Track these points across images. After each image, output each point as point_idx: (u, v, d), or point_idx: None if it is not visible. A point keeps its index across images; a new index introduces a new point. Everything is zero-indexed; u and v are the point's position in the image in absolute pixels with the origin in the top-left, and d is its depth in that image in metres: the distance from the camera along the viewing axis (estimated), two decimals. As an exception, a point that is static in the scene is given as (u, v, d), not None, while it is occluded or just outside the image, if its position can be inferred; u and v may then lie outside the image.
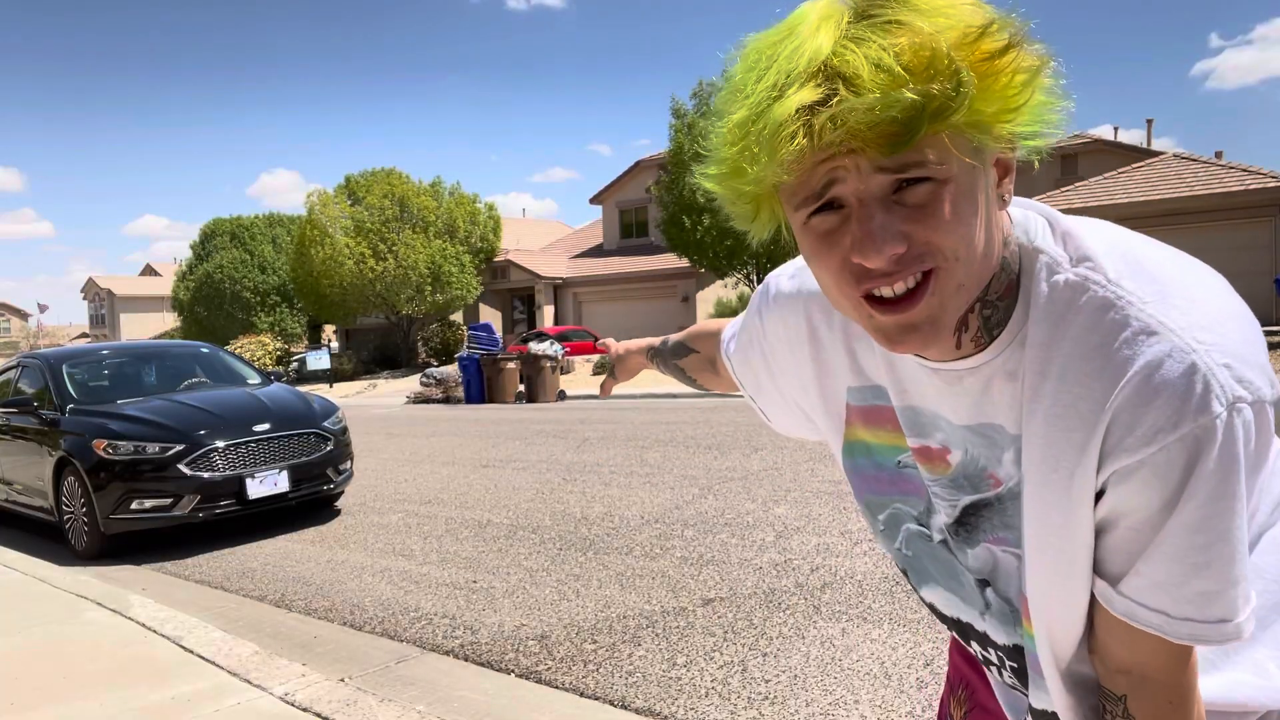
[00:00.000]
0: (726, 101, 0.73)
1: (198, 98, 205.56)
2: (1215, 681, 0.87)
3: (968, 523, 0.90)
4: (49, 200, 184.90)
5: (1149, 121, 31.62)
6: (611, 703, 3.21)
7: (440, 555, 5.55)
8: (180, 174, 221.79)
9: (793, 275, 1.03)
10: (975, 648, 1.00)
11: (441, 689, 3.43)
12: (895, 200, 0.70)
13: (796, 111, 0.66)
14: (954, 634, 1.04)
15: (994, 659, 0.99)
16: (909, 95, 0.64)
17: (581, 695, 3.30)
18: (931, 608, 1.03)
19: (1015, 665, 0.95)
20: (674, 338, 1.47)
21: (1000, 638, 0.95)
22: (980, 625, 0.97)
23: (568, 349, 21.95)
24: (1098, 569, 0.79)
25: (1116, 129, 31.25)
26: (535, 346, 17.60)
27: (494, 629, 4.09)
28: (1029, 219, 0.82)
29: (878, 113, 0.64)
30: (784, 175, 0.70)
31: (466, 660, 3.76)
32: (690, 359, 1.40)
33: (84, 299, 69.85)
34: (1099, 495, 0.76)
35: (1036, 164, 0.76)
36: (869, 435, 0.98)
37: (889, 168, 0.68)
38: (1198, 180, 20.65)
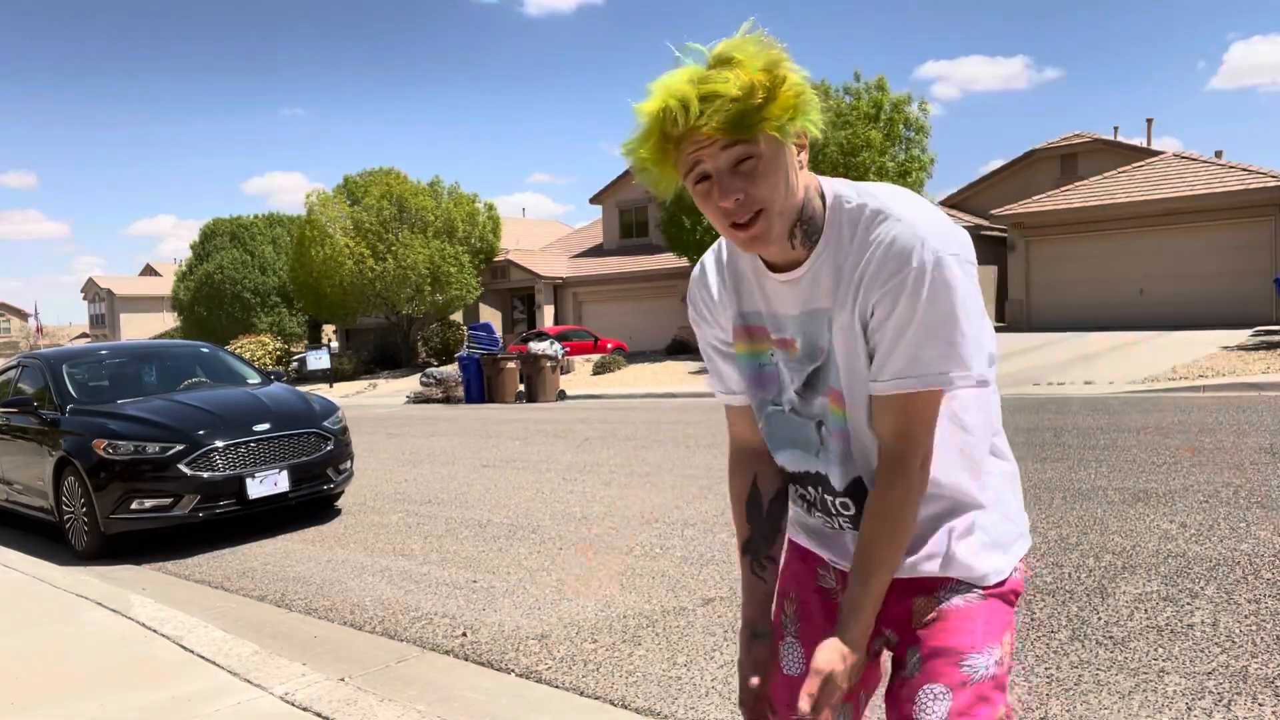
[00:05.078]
0: (634, 130, 1.27)
1: (202, 98, 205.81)
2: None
3: (811, 384, 1.41)
4: (60, 200, 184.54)
5: (1149, 121, 31.56)
6: (611, 702, 3.21)
7: (440, 555, 5.55)
8: (189, 174, 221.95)
9: (692, 280, 1.54)
10: (813, 492, 1.47)
11: (441, 688, 3.43)
12: (735, 171, 1.24)
13: (678, 102, 1.20)
14: (799, 492, 1.51)
15: (832, 507, 1.45)
16: (739, 106, 1.19)
17: (581, 695, 3.30)
18: (783, 470, 1.51)
19: (848, 509, 1.42)
20: (748, 512, 1.55)
21: (835, 482, 1.42)
22: (819, 468, 1.44)
23: (568, 349, 21.94)
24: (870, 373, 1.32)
25: (1116, 128, 31.04)
26: (535, 346, 17.60)
27: (494, 629, 4.09)
28: (834, 184, 1.36)
29: (724, 115, 1.19)
30: (670, 146, 1.24)
31: (466, 660, 3.76)
32: (765, 474, 1.55)
33: (84, 299, 69.83)
34: (868, 323, 1.30)
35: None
36: (746, 347, 1.48)
37: (729, 149, 1.22)
38: (1198, 180, 20.64)
